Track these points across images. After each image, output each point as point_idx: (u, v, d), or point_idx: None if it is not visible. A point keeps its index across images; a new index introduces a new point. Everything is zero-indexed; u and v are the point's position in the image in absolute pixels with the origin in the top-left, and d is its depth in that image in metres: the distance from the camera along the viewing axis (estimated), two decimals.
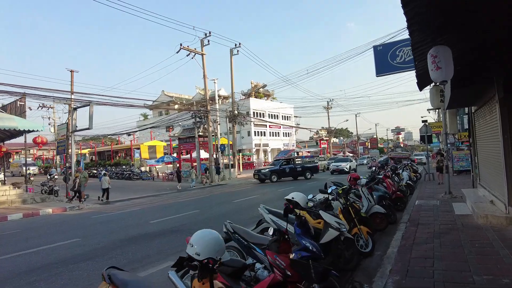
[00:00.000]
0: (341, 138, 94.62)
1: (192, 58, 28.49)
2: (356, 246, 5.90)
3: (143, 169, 35.61)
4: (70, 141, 18.34)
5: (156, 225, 9.49)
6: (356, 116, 69.05)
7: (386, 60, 13.01)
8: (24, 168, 46.17)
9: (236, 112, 29.54)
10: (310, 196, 7.27)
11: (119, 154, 44.85)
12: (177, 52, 27.62)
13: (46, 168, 54.20)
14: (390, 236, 6.79)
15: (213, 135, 31.04)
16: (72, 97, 18.85)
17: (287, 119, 63.07)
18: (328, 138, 63.20)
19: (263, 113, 55.39)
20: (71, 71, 21.90)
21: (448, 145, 12.25)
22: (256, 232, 5.87)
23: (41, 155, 60.74)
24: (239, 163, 32.06)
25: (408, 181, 13.94)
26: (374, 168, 18.43)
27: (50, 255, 6.73)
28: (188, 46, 27.75)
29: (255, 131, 53.46)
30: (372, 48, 13.60)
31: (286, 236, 3.37)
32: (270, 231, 5.73)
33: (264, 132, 55.48)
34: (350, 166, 29.24)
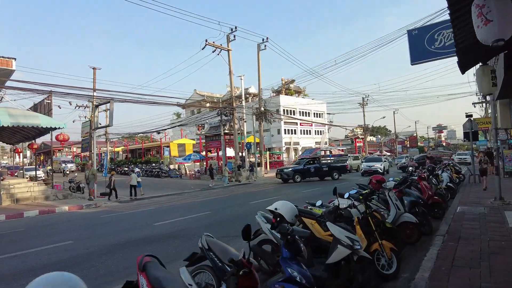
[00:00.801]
0: (379, 136, 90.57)
1: (218, 54, 27.88)
2: (375, 266, 4.71)
3: (172, 167, 35.69)
4: (93, 138, 18.29)
5: (158, 228, 8.76)
6: (394, 113, 65.54)
7: (422, 45, 11.39)
8: (62, 164, 48.33)
9: (262, 109, 28.51)
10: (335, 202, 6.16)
11: (151, 152, 45.61)
12: (202, 49, 27.15)
13: (84, 165, 56.66)
14: (423, 252, 5.50)
15: (239, 133, 30.34)
16: (95, 94, 18.88)
17: (319, 117, 61.08)
18: (363, 136, 60.41)
19: (293, 110, 53.95)
20: (93, 69, 22.03)
21: (498, 143, 10.45)
22: (254, 244, 4.88)
23: (79, 153, 63.35)
24: (266, 162, 31.06)
25: (448, 183, 12.23)
26: (411, 168, 16.67)
27: (25, 262, 6.15)
28: (213, 42, 27.17)
29: (285, 129, 52.16)
30: (406, 33, 12.02)
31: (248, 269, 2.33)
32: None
33: (295, 130, 54.01)
34: (384, 167, 26.40)
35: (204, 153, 36.69)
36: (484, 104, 29.31)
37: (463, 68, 5.58)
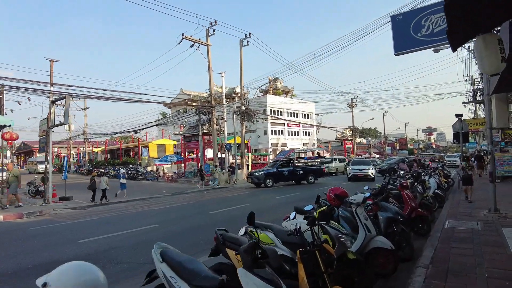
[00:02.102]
0: (369, 138, 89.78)
1: (196, 49, 26.29)
2: None
3: (149, 168, 33.85)
4: (50, 137, 16.45)
5: (79, 247, 7.11)
6: (383, 115, 64.73)
7: (407, 33, 9.95)
8: (39, 165, 45.99)
9: (243, 107, 26.95)
10: (308, 208, 4.61)
11: (131, 153, 43.67)
12: (179, 43, 25.49)
13: (61, 166, 54.29)
14: None
15: (219, 133, 28.73)
16: (52, 89, 17.08)
17: (308, 118, 59.78)
18: (352, 138, 59.26)
19: (281, 111, 52.53)
20: (50, 61, 20.15)
21: (490, 146, 9.07)
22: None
23: (59, 154, 60.97)
24: (248, 164, 29.45)
25: (436, 190, 10.84)
26: (402, 172, 15.27)
27: None
28: (191, 36, 25.57)
29: (272, 130, 50.69)
30: (389, 19, 10.58)
31: None
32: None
33: (282, 131, 52.58)
34: (373, 172, 23.06)
35: (189, 153, 35.05)
36: (474, 105, 28.20)
37: (454, 41, 4.11)
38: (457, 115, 14.38)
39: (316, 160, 22.50)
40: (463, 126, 14.00)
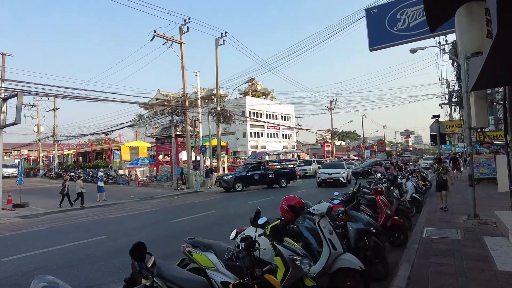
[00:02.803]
0: (348, 141, 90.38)
1: (169, 47, 25.13)
2: None
3: (121, 172, 32.30)
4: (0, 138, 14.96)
5: None
6: (362, 118, 65.18)
7: (383, 27, 9.32)
8: (4, 169, 43.34)
9: (219, 108, 25.97)
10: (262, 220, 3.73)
11: (105, 156, 41.75)
12: (150, 40, 24.32)
13: (31, 170, 51.56)
14: None
15: (194, 135, 27.65)
16: (3, 85, 15.64)
17: (288, 120, 59.40)
18: (331, 140, 59.23)
19: (260, 113, 51.84)
20: (1, 55, 18.57)
21: (470, 146, 8.50)
22: None
23: (28, 157, 58.07)
24: (224, 167, 28.42)
25: (414, 194, 10.25)
26: (379, 175, 14.71)
27: None
28: (163, 34, 24.46)
29: (251, 132, 49.92)
30: (364, 12, 9.95)
31: None
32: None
33: (262, 133, 51.91)
34: (347, 175, 20.75)
35: (161, 156, 33.67)
36: (450, 108, 28.34)
37: (433, 19, 3.38)
38: (434, 116, 13.98)
39: (289, 162, 21.53)
40: (440, 128, 13.58)
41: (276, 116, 56.46)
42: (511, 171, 7.50)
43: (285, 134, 58.31)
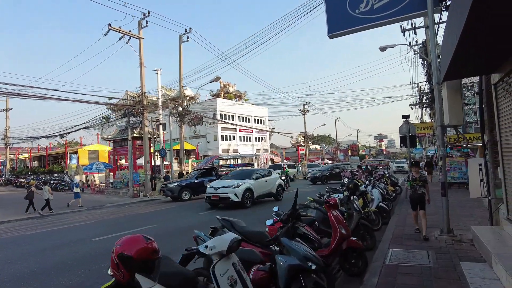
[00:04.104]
0: (323, 144, 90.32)
1: (126, 42, 23.23)
2: None
3: (77, 178, 29.69)
4: None
5: None
6: (335, 121, 65.01)
7: (343, 9, 8.02)
8: None
9: (180, 108, 24.16)
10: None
11: (64, 160, 38.72)
12: (105, 34, 22.32)
13: None
14: None
15: (154, 137, 25.69)
16: None
17: (261, 123, 58.15)
18: (304, 144, 58.45)
19: (232, 115, 50.26)
20: None
21: (441, 150, 7.27)
22: None
23: None
24: (188, 172, 26.47)
25: (380, 203, 9.00)
26: (346, 180, 13.45)
27: None
28: (120, 28, 22.50)
29: (222, 135, 48.24)
30: None
31: None
32: None
33: (234, 136, 50.29)
34: (240, 192, 13.10)
35: (124, 161, 31.34)
36: (420, 110, 27.89)
37: None
38: (404, 116, 12.93)
39: (246, 167, 19.72)
40: (410, 129, 12.54)
41: (249, 119, 55.08)
42: (489, 177, 6.30)
43: (258, 138, 56.97)
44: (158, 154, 23.91)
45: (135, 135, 23.88)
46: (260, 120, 57.56)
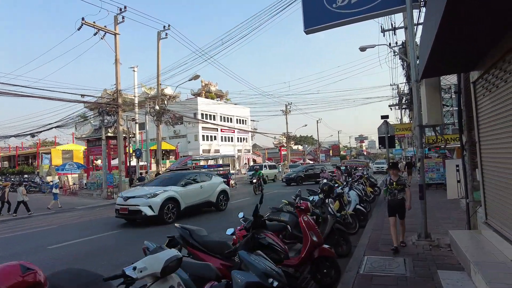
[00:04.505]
0: (306, 145, 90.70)
1: (101, 38, 22.32)
2: None
3: (49, 178, 28.44)
4: None
5: None
6: (317, 122, 65.30)
7: (320, 4, 7.68)
8: None
9: (157, 107, 23.40)
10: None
11: (37, 161, 37.07)
12: (78, 29, 21.39)
13: None
14: None
15: (130, 137, 24.86)
16: None
17: (243, 123, 57.67)
18: (286, 144, 58.34)
19: (214, 115, 49.55)
20: None
21: (418, 150, 7.04)
22: None
23: None
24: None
25: (358, 206, 8.70)
26: (325, 181, 13.15)
27: None
28: (94, 22, 21.60)
29: (203, 135, 47.49)
30: None
31: None
32: None
33: (215, 136, 49.62)
34: (157, 203, 10.14)
35: (100, 161, 30.18)
36: (400, 111, 28.08)
37: None
38: (382, 117, 12.73)
39: (220, 168, 18.93)
40: (389, 129, 12.36)
41: (231, 119, 54.51)
42: (467, 179, 6.07)
43: (241, 138, 56.48)
44: (134, 154, 23.10)
45: (109, 134, 23.02)
46: (242, 120, 57.09)
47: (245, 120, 57.94)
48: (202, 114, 46.47)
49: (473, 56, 4.71)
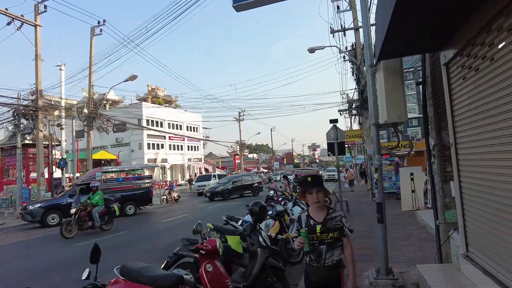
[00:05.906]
0: (262, 154, 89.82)
1: (18, 29, 19.21)
2: None
3: None
4: None
5: None
6: (271, 130, 64.75)
7: None
8: None
9: (86, 110, 20.56)
10: None
11: None
12: None
13: None
14: None
15: (56, 144, 21.63)
16: None
17: (195, 130, 55.06)
18: (239, 153, 56.74)
19: (161, 122, 46.49)
20: None
21: (375, 156, 5.67)
22: None
23: None
24: None
25: None
26: (272, 192, 11.56)
27: None
28: (7, 9, 18.51)
29: (149, 143, 44.15)
30: None
31: None
32: None
33: (162, 144, 46.49)
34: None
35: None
36: (350, 119, 27.69)
37: None
38: (331, 121, 11.44)
39: (140, 181, 16.32)
40: (338, 134, 11.11)
41: (181, 126, 51.66)
42: (436, 194, 4.68)
43: (192, 146, 53.78)
44: (57, 165, 19.95)
45: (27, 141, 19.72)
46: (194, 127, 54.49)
47: (197, 128, 55.40)
48: (147, 121, 43.28)
49: (443, 29, 3.31)
